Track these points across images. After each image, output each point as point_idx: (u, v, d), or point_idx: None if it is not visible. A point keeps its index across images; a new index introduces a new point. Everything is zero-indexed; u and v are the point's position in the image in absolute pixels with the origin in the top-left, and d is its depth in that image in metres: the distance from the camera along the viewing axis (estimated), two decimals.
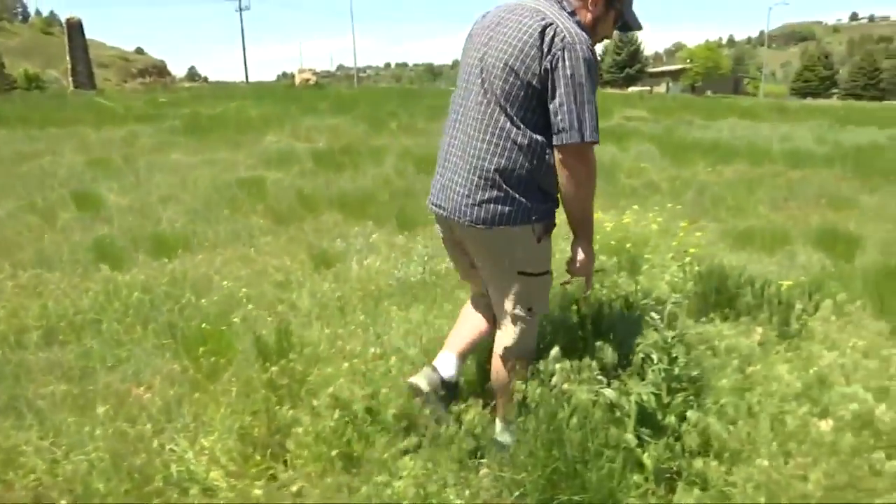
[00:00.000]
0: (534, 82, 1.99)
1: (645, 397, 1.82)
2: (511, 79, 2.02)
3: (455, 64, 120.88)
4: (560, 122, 1.96)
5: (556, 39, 1.96)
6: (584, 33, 2.01)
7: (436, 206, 2.26)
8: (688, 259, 3.19)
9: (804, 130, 16.50)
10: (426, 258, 4.53)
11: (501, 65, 2.03)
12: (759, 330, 2.48)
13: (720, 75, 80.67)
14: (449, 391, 2.18)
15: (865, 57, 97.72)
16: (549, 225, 2.15)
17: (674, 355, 1.83)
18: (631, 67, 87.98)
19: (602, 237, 3.62)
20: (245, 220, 6.32)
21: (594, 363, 1.88)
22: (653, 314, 1.87)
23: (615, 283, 2.81)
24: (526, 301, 2.15)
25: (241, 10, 66.30)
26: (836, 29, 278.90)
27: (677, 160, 10.51)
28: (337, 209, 6.75)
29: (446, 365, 2.23)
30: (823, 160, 10.85)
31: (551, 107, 1.98)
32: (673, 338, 1.86)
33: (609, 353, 1.92)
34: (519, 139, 2.02)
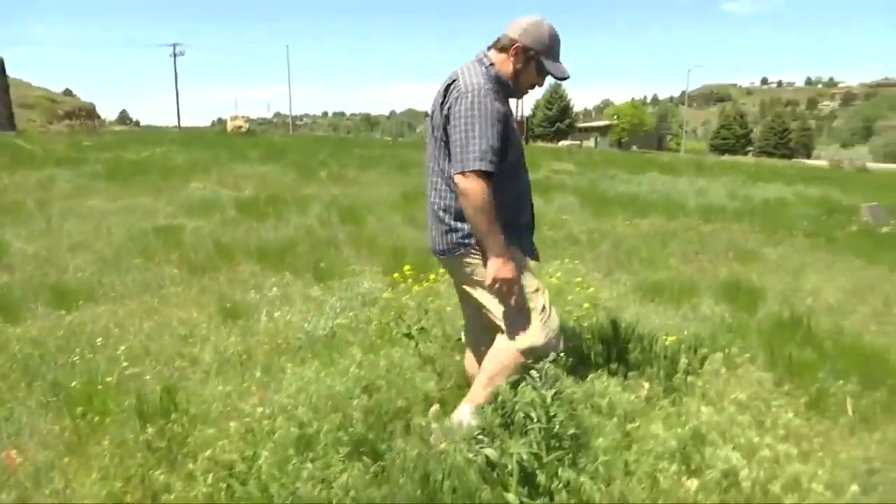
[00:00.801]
0: (444, 132, 2.40)
1: (525, 456, 1.81)
2: (437, 132, 2.45)
3: (392, 114, 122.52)
4: (453, 156, 2.32)
5: (453, 91, 2.37)
6: (485, 81, 2.37)
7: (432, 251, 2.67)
8: (582, 314, 3.24)
9: (718, 186, 17.33)
10: (338, 311, 4.47)
11: (431, 123, 2.50)
12: (646, 385, 2.53)
13: (645, 131, 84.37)
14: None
15: (776, 118, 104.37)
16: (511, 241, 2.43)
17: (552, 413, 1.84)
18: (561, 122, 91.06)
19: None
20: (157, 270, 6.11)
21: (475, 422, 1.86)
22: (532, 372, 1.88)
23: None
24: (506, 302, 2.41)
25: (175, 55, 65.82)
26: (749, 91, 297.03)
27: (598, 213, 10.84)
28: (255, 259, 6.61)
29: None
30: (734, 214, 11.39)
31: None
32: (554, 396, 1.88)
33: (489, 411, 1.92)
34: (448, 180, 2.41)
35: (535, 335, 2.37)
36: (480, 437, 1.82)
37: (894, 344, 4.27)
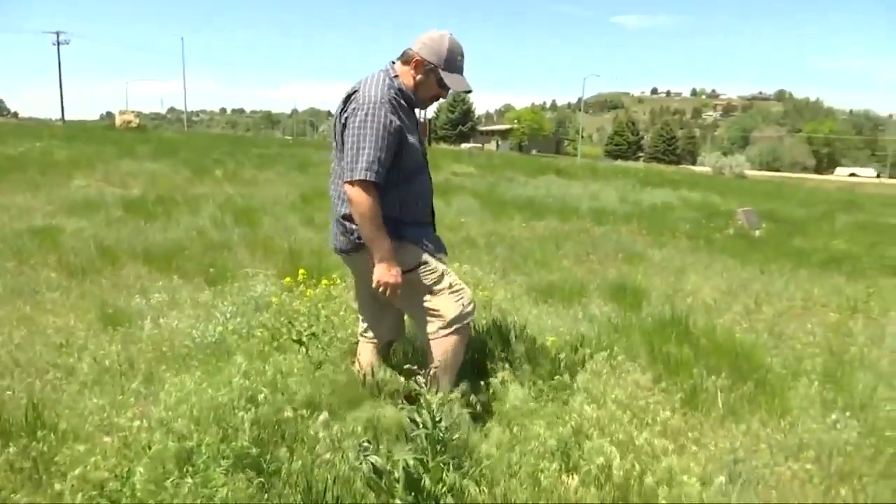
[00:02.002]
0: (339, 135, 2.54)
1: (411, 462, 1.82)
2: (336, 139, 2.60)
3: (294, 113, 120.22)
4: (345, 165, 2.46)
5: (351, 103, 2.49)
6: (383, 94, 2.47)
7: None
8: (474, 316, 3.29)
9: (611, 189, 18.10)
10: (228, 316, 4.32)
11: (333, 130, 2.63)
12: (530, 385, 2.60)
13: (544, 136, 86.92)
14: None
15: (664, 126, 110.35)
16: (400, 237, 2.58)
17: (438, 419, 1.86)
18: (463, 125, 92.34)
19: None
20: (32, 274, 5.69)
21: (363, 428, 1.84)
22: (418, 377, 1.90)
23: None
24: (423, 290, 2.61)
25: (58, 43, 61.42)
26: (640, 100, 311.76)
27: (496, 215, 11.06)
28: (141, 262, 6.29)
29: None
30: (624, 217, 11.93)
31: None
32: (440, 400, 1.89)
33: (377, 418, 1.91)
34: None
35: (449, 309, 2.57)
36: (366, 444, 1.81)
37: (761, 340, 4.60)
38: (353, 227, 2.55)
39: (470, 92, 2.77)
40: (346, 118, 2.47)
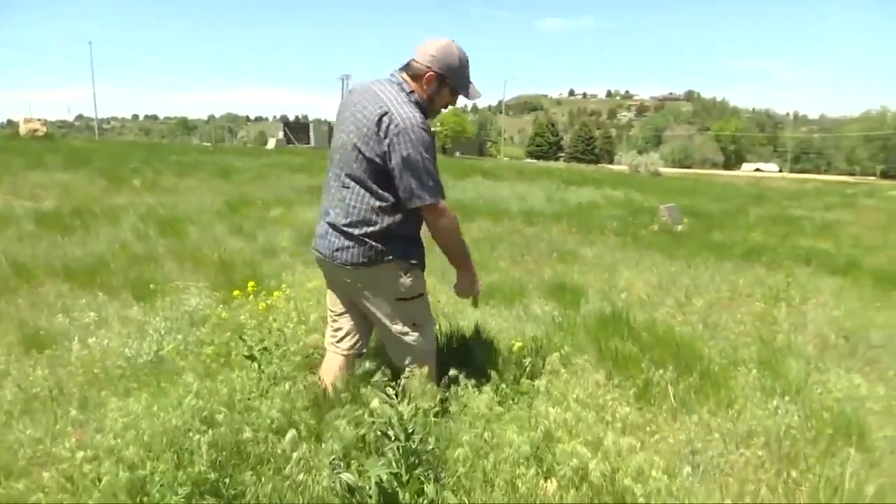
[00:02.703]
0: (376, 160, 2.45)
1: (385, 477, 1.77)
2: (359, 155, 2.48)
3: (210, 118, 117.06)
4: (402, 192, 2.46)
5: (390, 126, 2.40)
6: (417, 113, 2.46)
7: (316, 251, 2.71)
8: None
9: (537, 190, 18.41)
10: (163, 332, 4.13)
11: (351, 146, 2.51)
12: (491, 390, 2.58)
13: (467, 138, 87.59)
14: None
15: (582, 127, 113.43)
16: (414, 266, 2.66)
17: (410, 430, 1.81)
18: None
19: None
20: None
21: (334, 445, 1.78)
22: (388, 389, 1.85)
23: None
24: (410, 319, 2.66)
25: None
26: (559, 101, 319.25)
27: None
28: (61, 279, 5.93)
29: None
30: (553, 217, 12.15)
31: (394, 179, 2.45)
32: (411, 411, 1.85)
33: (348, 434, 1.85)
34: (371, 200, 2.50)
35: (424, 348, 2.67)
36: (336, 462, 1.75)
37: (698, 332, 4.76)
38: (373, 243, 2.51)
39: (479, 98, 2.85)
40: (390, 143, 2.40)
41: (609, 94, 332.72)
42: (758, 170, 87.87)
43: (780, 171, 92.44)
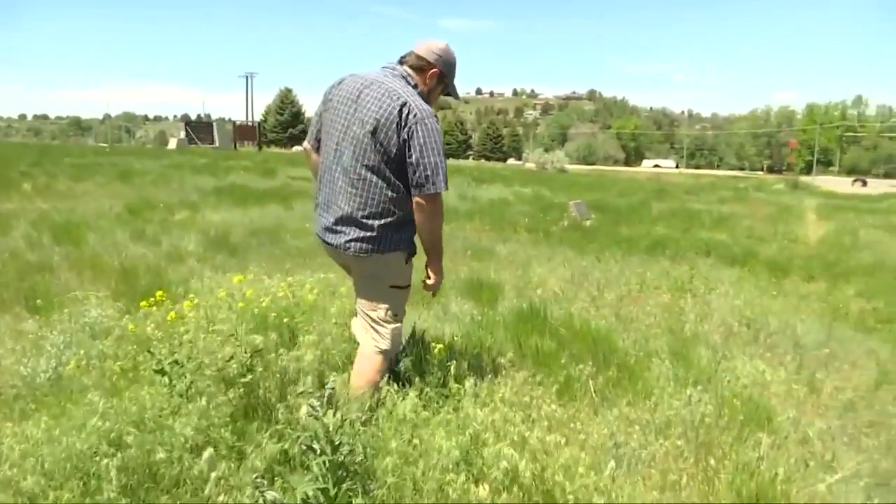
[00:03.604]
0: (394, 149, 2.54)
1: (311, 493, 1.69)
2: (377, 146, 2.55)
3: (106, 118, 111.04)
4: (417, 178, 2.55)
5: (409, 116, 2.52)
6: (427, 105, 2.61)
7: (323, 239, 2.81)
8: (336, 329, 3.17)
9: (451, 187, 18.49)
10: (62, 347, 3.84)
11: (369, 135, 2.55)
12: (415, 394, 2.53)
13: None
14: None
15: (490, 125, 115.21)
16: (412, 250, 2.78)
17: (337, 443, 1.74)
18: (294, 128, 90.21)
19: (260, 311, 3.45)
20: None
21: (256, 462, 1.69)
22: (312, 401, 1.77)
23: (275, 362, 2.66)
24: (393, 309, 2.78)
25: None
26: (466, 100, 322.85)
27: None
28: None
29: None
30: (466, 215, 12.23)
31: (409, 167, 2.55)
32: (338, 422, 1.78)
33: (271, 449, 1.76)
34: (387, 191, 2.59)
35: (394, 340, 2.77)
36: (259, 480, 1.66)
37: (613, 326, 4.89)
38: (388, 233, 2.63)
39: (458, 99, 3.06)
40: (412, 131, 2.51)
41: (515, 93, 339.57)
42: (657, 166, 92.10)
43: (678, 166, 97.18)
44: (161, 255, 7.34)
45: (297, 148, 77.46)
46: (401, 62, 2.76)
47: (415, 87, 2.67)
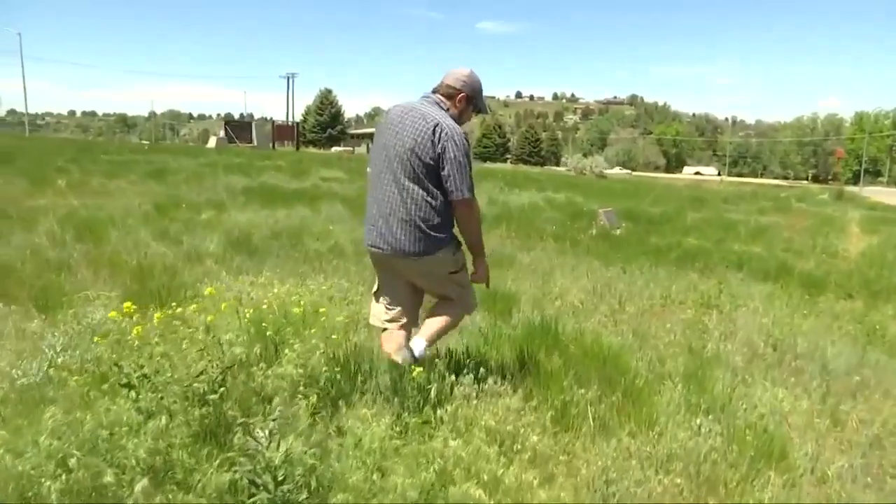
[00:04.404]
0: (430, 162, 3.04)
1: None
2: (416, 160, 3.05)
3: (152, 115, 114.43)
4: (450, 187, 3.07)
5: (442, 134, 3.03)
6: (458, 126, 3.13)
7: (375, 247, 3.24)
8: (337, 337, 3.03)
9: (480, 192, 18.27)
10: (58, 349, 3.80)
11: (410, 152, 3.06)
12: (391, 419, 2.38)
13: None
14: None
15: (529, 129, 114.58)
16: (459, 245, 3.31)
17: (280, 478, 1.61)
18: (332, 128, 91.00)
19: (243, 325, 3.33)
20: None
21: (208, 490, 1.56)
22: (258, 431, 1.63)
23: (254, 377, 2.53)
24: (459, 284, 3.39)
25: None
26: (506, 104, 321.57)
27: None
28: None
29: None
30: (494, 220, 12.03)
31: (443, 177, 3.06)
32: (281, 457, 1.64)
33: (218, 479, 1.63)
34: (427, 198, 3.08)
35: (469, 302, 3.47)
36: None
37: (627, 342, 4.68)
38: (431, 232, 3.10)
39: (487, 114, 3.82)
40: (443, 147, 3.01)
41: (555, 97, 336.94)
42: (697, 173, 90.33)
43: (720, 174, 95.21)
44: (180, 255, 7.33)
45: (335, 148, 78.12)
46: (434, 91, 3.27)
47: (447, 110, 3.18)
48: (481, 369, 2.99)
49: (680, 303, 6.38)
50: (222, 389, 2.34)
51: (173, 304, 3.98)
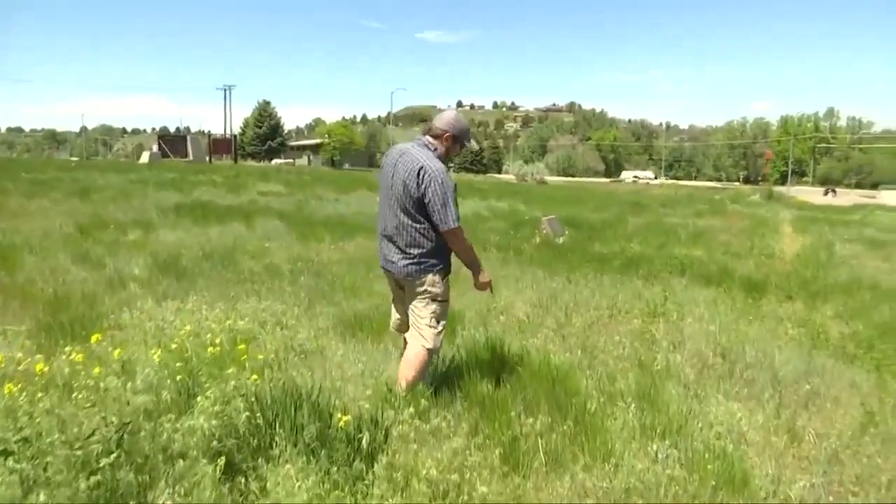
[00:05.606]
0: (416, 197, 3.40)
1: None
2: (407, 197, 3.44)
3: (83, 131, 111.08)
4: (436, 220, 3.41)
5: (425, 176, 3.39)
6: (441, 165, 3.47)
7: (384, 268, 3.70)
8: (249, 385, 2.70)
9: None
10: None
11: (402, 188, 3.44)
12: (321, 475, 2.10)
13: (356, 150, 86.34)
14: None
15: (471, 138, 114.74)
16: (447, 272, 3.63)
17: None
18: (272, 140, 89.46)
19: (155, 364, 2.97)
20: None
21: None
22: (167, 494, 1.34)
23: (161, 431, 2.19)
24: (437, 318, 3.60)
25: None
26: None
27: (304, 237, 10.41)
28: None
29: None
30: None
31: (430, 212, 3.40)
32: None
33: None
34: (417, 227, 3.46)
35: (437, 340, 3.55)
36: None
37: (575, 359, 4.50)
38: (424, 260, 3.48)
39: (474, 149, 3.68)
40: (426, 187, 3.36)
41: (496, 106, 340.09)
42: (636, 178, 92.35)
43: (657, 178, 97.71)
44: (102, 281, 6.82)
45: (275, 161, 76.69)
46: (425, 133, 3.65)
47: (434, 150, 3.55)
48: (422, 401, 2.73)
49: (626, 312, 6.27)
50: (118, 451, 2.01)
51: (84, 337, 3.60)
